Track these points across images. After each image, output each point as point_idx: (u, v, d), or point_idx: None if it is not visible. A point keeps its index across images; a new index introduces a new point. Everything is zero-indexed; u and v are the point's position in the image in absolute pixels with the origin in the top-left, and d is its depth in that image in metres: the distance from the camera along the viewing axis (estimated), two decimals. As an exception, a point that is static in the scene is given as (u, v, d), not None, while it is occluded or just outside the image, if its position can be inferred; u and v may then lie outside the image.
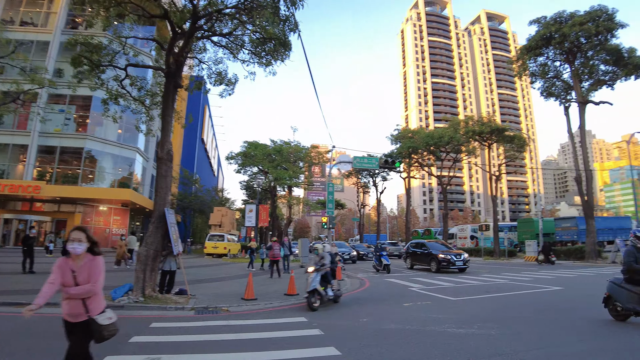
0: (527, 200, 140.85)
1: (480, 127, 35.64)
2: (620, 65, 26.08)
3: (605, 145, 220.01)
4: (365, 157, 20.60)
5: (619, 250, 22.81)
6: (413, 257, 22.13)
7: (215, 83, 13.75)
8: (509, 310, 8.81)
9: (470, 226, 48.61)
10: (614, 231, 35.35)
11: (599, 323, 7.08)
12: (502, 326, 6.88)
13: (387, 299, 10.80)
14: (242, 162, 41.56)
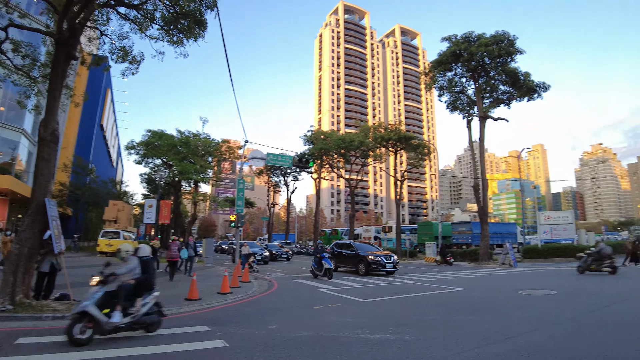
0: (425, 205, 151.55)
1: (389, 134, 37.11)
2: (516, 87, 28.81)
3: (495, 159, 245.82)
4: (279, 154, 20.09)
5: (508, 253, 25.21)
6: (338, 258, 20.47)
7: (118, 60, 12.13)
8: (419, 312, 8.82)
9: (374, 227, 50.61)
10: (502, 235, 39.18)
11: (506, 323, 7.29)
12: (416, 330, 6.73)
13: (296, 302, 10.31)
14: (144, 152, 37.98)
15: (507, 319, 7.69)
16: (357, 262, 18.91)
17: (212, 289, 12.25)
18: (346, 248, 20.60)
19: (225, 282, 11.79)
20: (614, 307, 8.90)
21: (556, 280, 15.18)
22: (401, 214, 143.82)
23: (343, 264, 20.47)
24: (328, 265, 16.18)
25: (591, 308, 8.75)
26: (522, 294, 11.21)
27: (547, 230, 28.98)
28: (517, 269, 22.10)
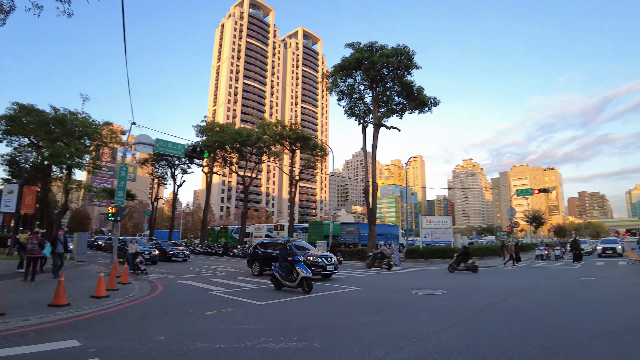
0: (314, 205, 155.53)
1: (288, 132, 37.08)
2: (410, 100, 30.68)
3: (379, 166, 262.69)
4: (170, 142, 18.39)
5: (394, 253, 26.62)
6: (263, 261, 17.14)
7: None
8: (321, 314, 8.52)
9: (266, 225, 50.06)
10: (385, 236, 41.51)
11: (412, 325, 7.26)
12: (324, 335, 6.31)
13: (186, 307, 9.17)
14: (6, 128, 32.04)
15: (411, 320, 7.71)
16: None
17: (85, 292, 10.61)
18: (276, 248, 16.90)
19: (100, 284, 10.18)
20: (505, 304, 9.52)
21: (440, 280, 16.23)
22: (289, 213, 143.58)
23: (270, 266, 16.58)
24: (306, 273, 11.88)
25: (482, 306, 9.24)
26: (415, 294, 11.61)
27: (428, 233, 31.42)
28: (401, 269, 23.38)
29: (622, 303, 9.68)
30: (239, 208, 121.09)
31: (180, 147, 18.25)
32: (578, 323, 7.17)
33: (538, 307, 9.07)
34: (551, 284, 14.17)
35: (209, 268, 22.35)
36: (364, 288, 13.17)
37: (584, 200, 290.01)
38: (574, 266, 23.16)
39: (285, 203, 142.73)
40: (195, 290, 12.47)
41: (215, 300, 10.33)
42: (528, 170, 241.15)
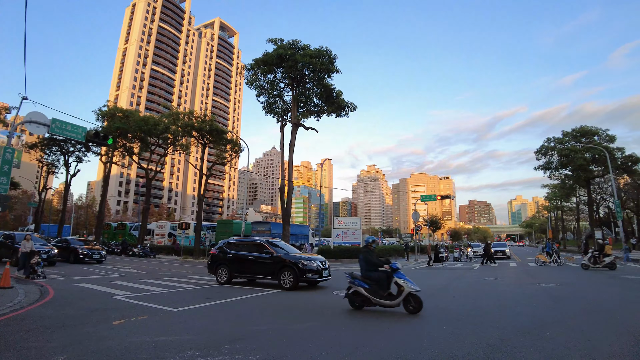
0: (221, 203, 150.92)
1: (201, 124, 35.05)
2: (329, 103, 30.87)
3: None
4: (69, 123, 16.12)
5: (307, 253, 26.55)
6: (234, 265, 14.27)
7: None
8: (248, 321, 7.80)
9: (169, 223, 47.16)
10: (296, 236, 41.50)
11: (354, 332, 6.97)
12: (257, 346, 5.68)
13: (87, 316, 7.75)
14: None
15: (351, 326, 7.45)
16: (278, 269, 13.26)
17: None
18: (252, 249, 14.30)
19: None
20: (431, 303, 9.60)
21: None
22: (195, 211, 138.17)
23: (245, 272, 14.23)
24: (411, 286, 8.36)
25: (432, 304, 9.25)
26: (337, 294, 11.43)
27: (339, 234, 31.99)
28: None
29: (529, 301, 10.32)
30: (138, 203, 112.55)
31: (81, 131, 15.96)
32: (501, 322, 7.45)
33: (459, 307, 9.37)
34: (461, 284, 14.98)
35: (107, 269, 20.28)
36: (283, 290, 12.70)
37: (473, 208, 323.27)
38: (473, 267, 24.98)
39: (189, 200, 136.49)
40: (95, 294, 10.95)
41: (120, 306, 9.07)
42: (426, 178, 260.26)
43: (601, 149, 39.16)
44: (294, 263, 12.97)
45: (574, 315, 8.21)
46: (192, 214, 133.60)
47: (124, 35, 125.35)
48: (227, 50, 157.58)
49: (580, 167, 42.82)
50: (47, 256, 19.59)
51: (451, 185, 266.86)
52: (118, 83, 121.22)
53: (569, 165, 44.55)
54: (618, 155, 43.82)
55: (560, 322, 7.43)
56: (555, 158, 47.59)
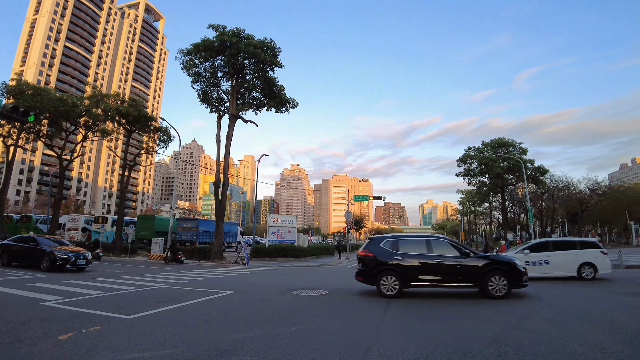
0: (135, 197, 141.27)
1: (127, 108, 32.06)
2: (270, 97, 29.81)
3: (210, 162, 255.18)
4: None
5: (242, 251, 25.42)
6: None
7: None
8: (221, 328, 6.83)
9: (84, 217, 42.76)
10: (225, 234, 39.74)
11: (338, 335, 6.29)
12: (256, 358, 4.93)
13: (18, 331, 6.11)
14: None
15: (325, 328, 6.81)
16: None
17: None
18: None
19: None
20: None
21: (307, 279, 15.76)
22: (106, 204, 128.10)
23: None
24: None
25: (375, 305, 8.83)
26: (299, 295, 10.80)
27: (275, 232, 31.12)
28: (252, 267, 22.42)
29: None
30: (42, 194, 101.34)
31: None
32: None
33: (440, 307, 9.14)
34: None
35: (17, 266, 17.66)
36: (238, 291, 11.68)
37: (388, 210, 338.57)
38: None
39: (100, 192, 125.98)
40: (18, 301, 9.07)
41: (58, 316, 7.47)
42: (347, 180, 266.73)
43: (517, 159, 42.68)
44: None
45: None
46: (103, 207, 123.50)
47: (34, 5, 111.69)
48: (151, 34, 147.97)
49: (498, 175, 46.27)
50: None
51: (370, 187, 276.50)
52: (24, 58, 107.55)
53: (487, 173, 47.92)
54: (529, 166, 48.05)
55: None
56: (475, 166, 51.07)
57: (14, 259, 17.95)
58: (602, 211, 58.27)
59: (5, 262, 17.97)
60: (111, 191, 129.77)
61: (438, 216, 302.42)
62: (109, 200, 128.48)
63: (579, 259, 14.78)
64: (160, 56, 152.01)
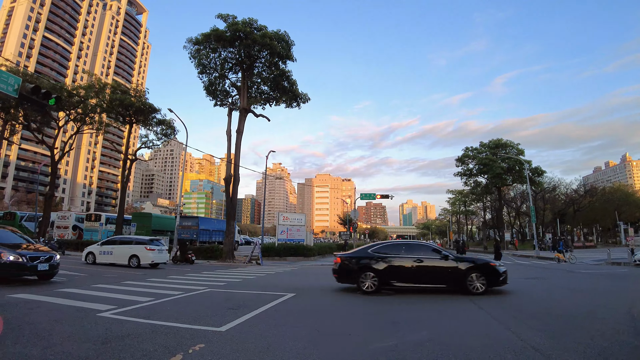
0: (115, 194, 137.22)
1: (128, 98, 30.39)
2: (281, 91, 28.74)
3: (191, 159, 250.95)
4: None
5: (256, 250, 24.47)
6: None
7: None
8: (345, 342, 5.99)
9: (74, 214, 40.71)
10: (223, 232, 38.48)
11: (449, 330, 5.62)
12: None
13: (108, 355, 4.90)
14: None
15: (454, 330, 6.05)
16: None
17: None
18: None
19: None
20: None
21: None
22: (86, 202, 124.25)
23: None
24: None
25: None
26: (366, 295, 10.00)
27: (284, 231, 30.15)
28: (267, 267, 21.60)
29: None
30: (18, 190, 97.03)
31: (13, 82, 11.93)
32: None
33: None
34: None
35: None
36: (298, 294, 10.79)
37: (370, 210, 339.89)
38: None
39: (79, 189, 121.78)
40: (72, 315, 7.60)
41: (137, 331, 6.26)
42: (330, 179, 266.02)
43: (517, 159, 42.92)
44: None
45: None
46: (83, 204, 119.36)
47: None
48: (134, 27, 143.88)
49: (497, 175, 46.44)
50: None
51: (352, 186, 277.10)
52: (0, 47, 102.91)
53: (487, 173, 48.08)
54: (526, 167, 48.50)
55: None
56: (472, 165, 51.26)
57: None
58: (592, 211, 59.48)
59: None
60: (91, 188, 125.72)
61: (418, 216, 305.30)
62: (89, 197, 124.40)
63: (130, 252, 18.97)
64: (143, 50, 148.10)
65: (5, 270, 10.86)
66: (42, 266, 11.51)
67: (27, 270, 11.30)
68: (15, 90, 12.11)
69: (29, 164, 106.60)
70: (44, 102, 13.17)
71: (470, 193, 62.07)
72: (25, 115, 33.23)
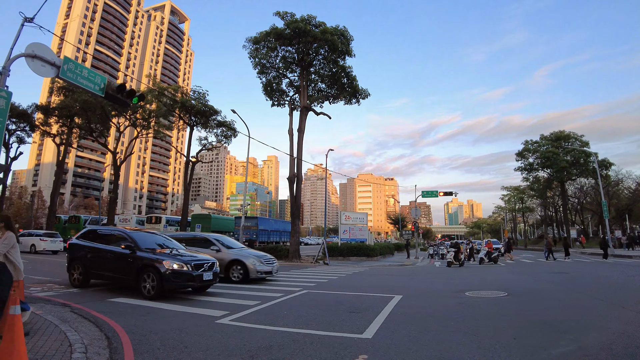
0: (164, 197, 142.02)
1: (187, 100, 30.60)
2: (339, 87, 28.08)
3: (235, 162, 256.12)
4: (85, 67, 11.73)
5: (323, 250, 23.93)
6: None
7: None
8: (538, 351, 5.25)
9: (135, 216, 42.04)
10: (280, 233, 38.38)
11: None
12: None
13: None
14: None
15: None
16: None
17: None
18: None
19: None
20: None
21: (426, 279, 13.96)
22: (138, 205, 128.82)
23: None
24: None
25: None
26: (483, 296, 9.17)
27: (347, 230, 29.48)
28: (335, 267, 21.00)
29: None
30: (76, 195, 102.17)
31: (99, 80, 11.88)
32: None
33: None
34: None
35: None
36: (405, 296, 10.05)
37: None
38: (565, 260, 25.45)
39: (131, 193, 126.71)
40: (184, 318, 7.34)
41: (270, 342, 5.67)
42: (372, 179, 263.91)
43: (583, 150, 40.29)
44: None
45: None
46: (134, 208, 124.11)
47: (65, 10, 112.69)
48: (177, 36, 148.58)
49: (562, 169, 43.80)
50: None
51: (396, 186, 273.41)
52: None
53: (550, 167, 45.48)
54: (594, 159, 45.48)
55: None
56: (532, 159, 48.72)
57: None
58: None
59: None
60: (141, 192, 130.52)
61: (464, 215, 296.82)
62: (140, 201, 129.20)
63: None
64: (186, 57, 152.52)
65: (169, 282, 9.02)
66: (207, 275, 9.68)
67: (193, 280, 9.33)
68: (102, 89, 11.95)
69: (85, 170, 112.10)
70: (128, 101, 13.10)
71: (529, 189, 59.00)
72: (88, 122, 34.42)
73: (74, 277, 10.71)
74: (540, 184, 52.87)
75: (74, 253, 10.95)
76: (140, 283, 9.23)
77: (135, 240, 9.83)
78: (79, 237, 11.31)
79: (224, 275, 13.05)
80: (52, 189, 39.34)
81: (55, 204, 39.60)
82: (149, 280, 9.12)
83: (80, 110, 33.08)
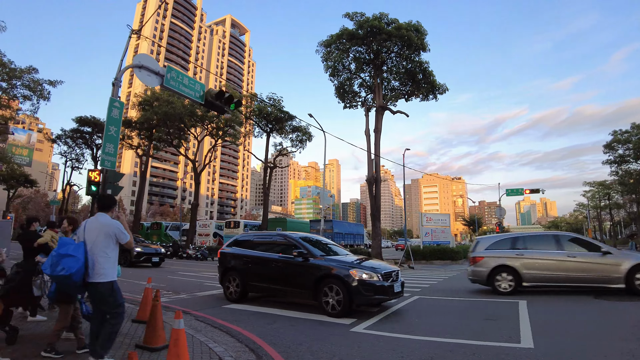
0: (234, 203, 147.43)
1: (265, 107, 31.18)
2: (415, 83, 27.24)
3: (297, 167, 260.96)
4: (186, 75, 12.02)
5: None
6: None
7: None
8: None
9: (214, 222, 43.47)
10: (354, 236, 38.01)
11: None
12: None
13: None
14: None
15: None
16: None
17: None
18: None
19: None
20: None
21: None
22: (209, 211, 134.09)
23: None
24: None
25: None
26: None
27: (428, 232, 28.49)
28: (421, 271, 20.33)
29: None
30: (152, 203, 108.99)
31: (199, 88, 12.23)
32: None
33: None
34: None
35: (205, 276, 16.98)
36: (529, 300, 9.21)
37: (483, 209, 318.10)
38: None
39: (203, 200, 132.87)
40: (315, 327, 7.11)
41: (427, 353, 5.28)
42: (438, 179, 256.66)
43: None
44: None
45: None
46: (206, 214, 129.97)
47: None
48: (239, 48, 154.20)
49: (662, 161, 39.54)
50: None
51: (463, 185, 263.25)
52: (130, 80, 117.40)
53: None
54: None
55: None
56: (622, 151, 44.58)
57: None
58: None
59: None
60: (212, 198, 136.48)
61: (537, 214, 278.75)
62: (211, 207, 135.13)
63: None
64: (248, 68, 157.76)
65: (359, 295, 7.74)
66: (397, 287, 8.35)
67: (385, 293, 8.01)
68: (201, 97, 12.25)
69: (160, 180, 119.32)
70: (226, 107, 13.33)
71: (619, 183, 53.78)
72: (168, 133, 36.25)
73: (230, 291, 9.84)
74: (632, 177, 48.08)
75: (228, 263, 10.10)
76: (321, 297, 8.03)
77: (305, 246, 8.78)
78: (230, 244, 10.66)
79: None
80: (137, 197, 41.95)
81: (140, 212, 42.15)
82: (331, 293, 7.87)
83: (161, 121, 34.93)
